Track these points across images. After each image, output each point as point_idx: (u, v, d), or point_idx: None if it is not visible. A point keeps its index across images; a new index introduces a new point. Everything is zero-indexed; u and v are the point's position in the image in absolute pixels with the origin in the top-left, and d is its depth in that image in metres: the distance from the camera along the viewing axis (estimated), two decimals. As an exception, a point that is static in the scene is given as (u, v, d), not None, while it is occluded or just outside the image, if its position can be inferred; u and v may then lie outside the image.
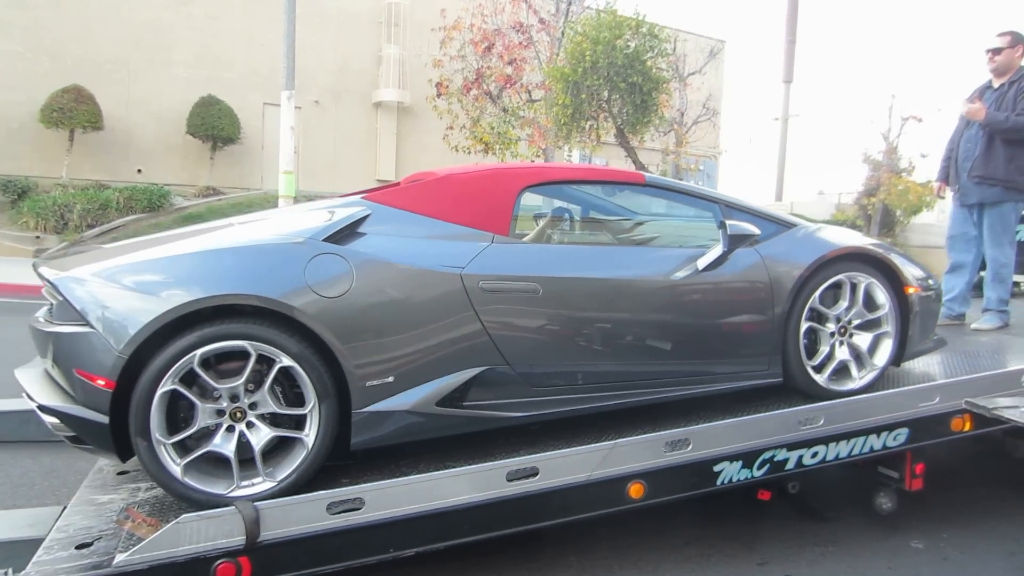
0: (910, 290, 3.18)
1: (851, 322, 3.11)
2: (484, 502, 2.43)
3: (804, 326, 3.01)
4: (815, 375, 3.02)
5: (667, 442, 2.66)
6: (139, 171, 15.97)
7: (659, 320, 2.87)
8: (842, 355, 3.09)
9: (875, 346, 3.14)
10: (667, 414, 2.88)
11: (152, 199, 14.45)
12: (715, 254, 2.91)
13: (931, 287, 3.34)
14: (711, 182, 20.61)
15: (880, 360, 3.13)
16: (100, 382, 2.21)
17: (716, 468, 2.73)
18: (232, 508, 2.16)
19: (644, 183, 3.10)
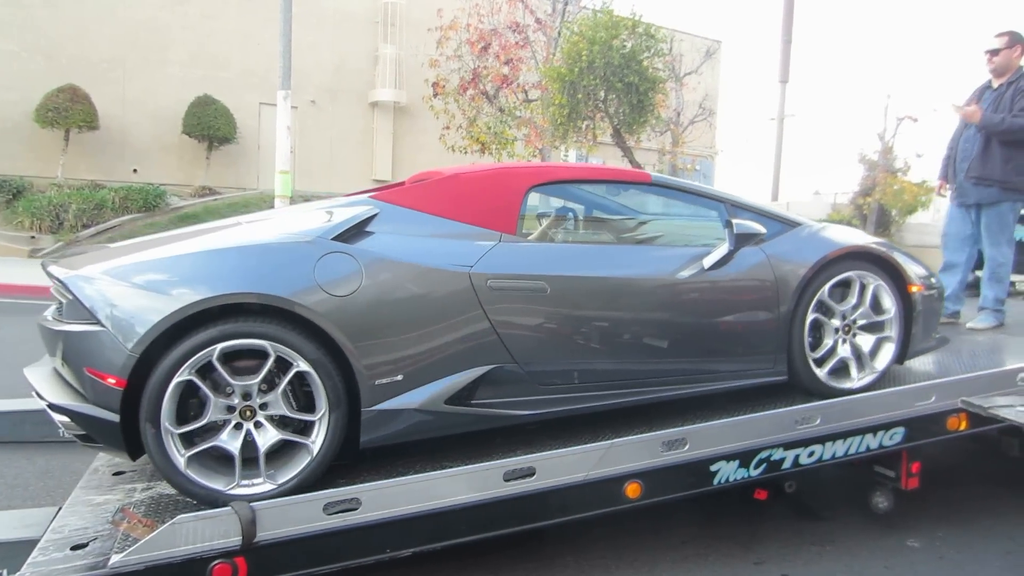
0: (913, 289, 3.19)
1: (856, 322, 3.12)
2: (481, 502, 2.43)
3: (811, 317, 3.02)
4: (816, 369, 3.03)
5: (664, 442, 2.67)
6: (135, 171, 15.94)
7: (665, 319, 2.87)
8: (844, 352, 3.10)
9: (876, 349, 3.15)
10: (664, 414, 2.88)
11: (148, 199, 14.43)
12: (721, 253, 2.92)
13: (934, 286, 3.36)
14: (707, 182, 20.63)
15: (880, 364, 3.14)
16: (111, 380, 2.22)
17: (713, 468, 2.74)
18: (228, 509, 2.16)
19: (650, 182, 3.11)
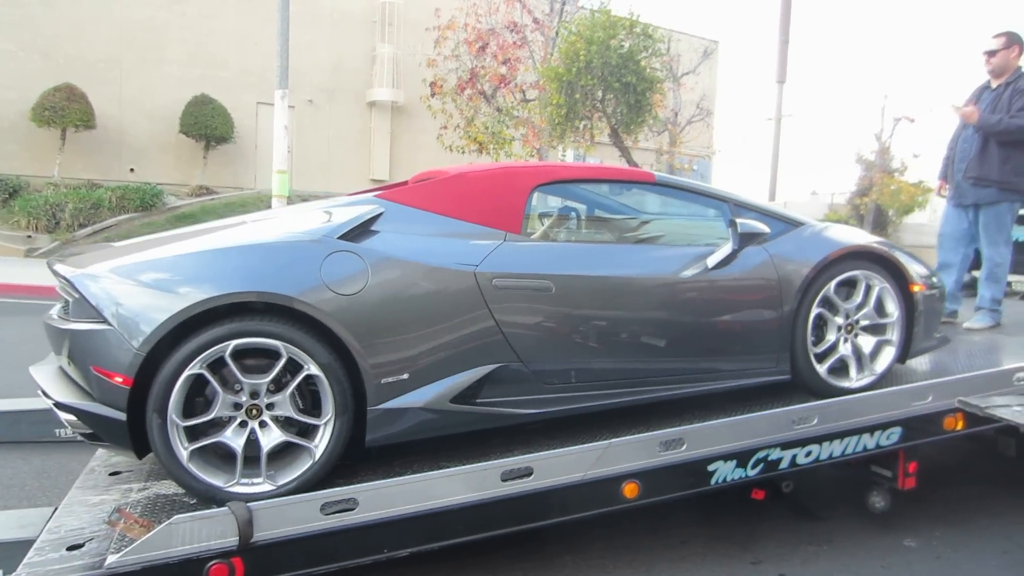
0: (916, 288, 3.19)
1: (858, 322, 3.13)
2: (479, 502, 2.42)
3: (815, 312, 3.02)
4: (817, 366, 3.04)
5: (661, 442, 2.66)
6: (132, 170, 15.92)
7: (669, 318, 2.88)
8: (845, 351, 3.11)
9: (877, 351, 3.16)
10: (661, 414, 2.88)
11: (145, 199, 14.41)
12: (725, 252, 2.92)
13: (935, 285, 3.37)
14: (705, 182, 20.63)
15: (879, 367, 3.15)
16: (118, 379, 2.21)
17: (710, 468, 2.73)
18: (225, 509, 2.15)
19: (654, 182, 3.12)
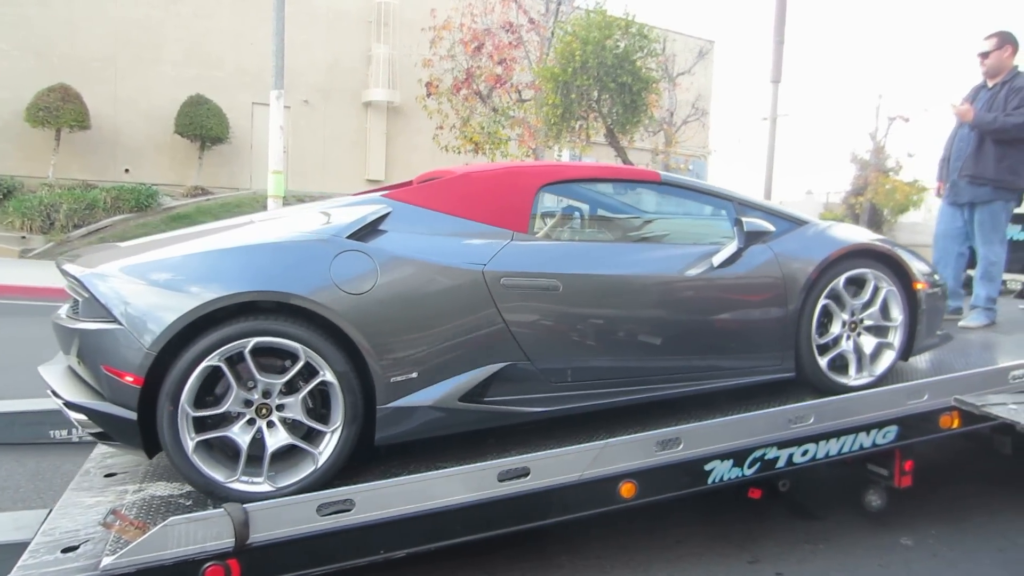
0: (918, 286, 3.21)
1: (862, 321, 3.15)
2: (476, 502, 2.42)
3: (822, 303, 3.04)
4: (819, 359, 3.05)
5: (658, 441, 2.66)
6: (126, 171, 15.87)
7: (676, 316, 2.89)
8: (847, 347, 3.12)
9: (877, 354, 3.17)
10: (658, 414, 2.88)
11: (140, 199, 14.36)
12: (730, 251, 2.94)
13: (938, 283, 3.39)
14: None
15: (877, 369, 3.16)
16: (128, 378, 2.21)
17: (707, 467, 2.74)
18: (221, 510, 2.14)
19: (660, 181, 3.14)
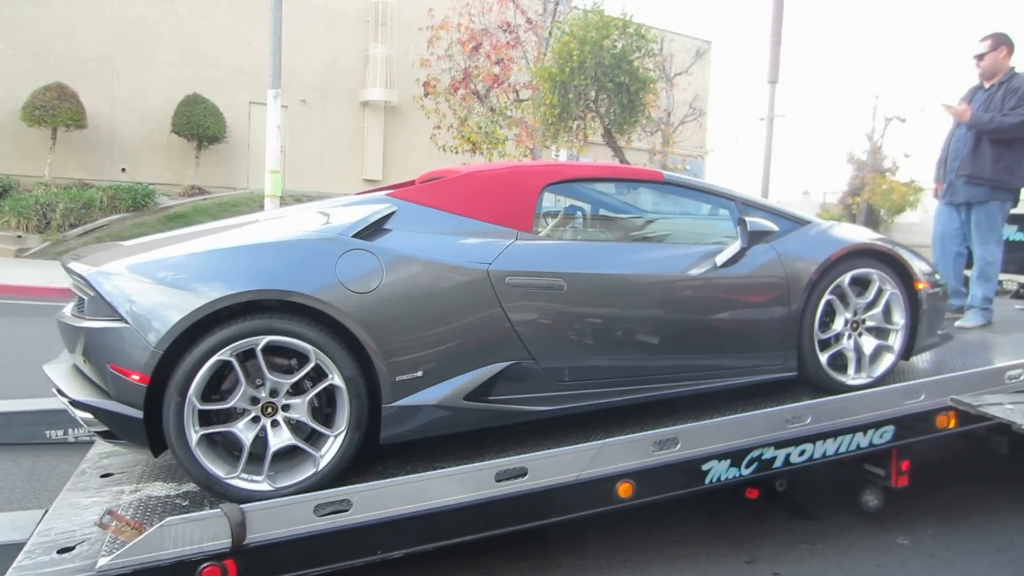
0: (920, 286, 3.22)
1: (864, 321, 3.16)
2: (473, 503, 2.42)
3: (827, 298, 3.04)
4: (820, 354, 3.05)
5: (656, 441, 2.66)
6: (123, 170, 15.82)
7: (679, 315, 2.90)
8: (847, 345, 3.13)
9: (876, 356, 3.18)
10: (655, 414, 2.88)
11: (136, 198, 14.31)
12: (733, 250, 2.94)
13: (939, 283, 3.40)
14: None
15: (876, 371, 3.16)
16: (135, 377, 2.21)
17: (705, 467, 2.74)
18: (218, 511, 2.14)
19: (663, 181, 3.15)
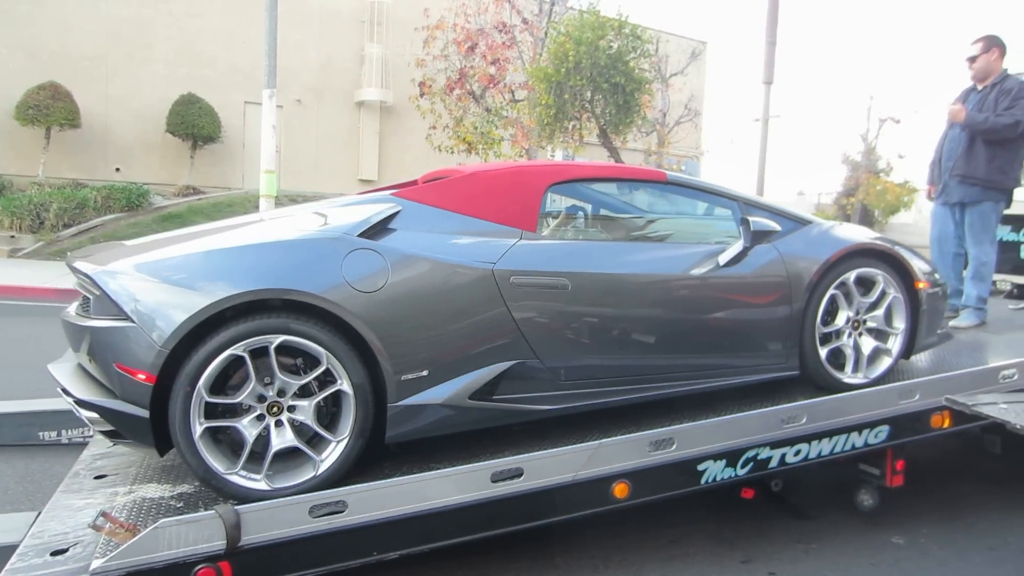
0: (920, 285, 3.24)
1: (865, 321, 3.17)
2: (469, 503, 2.42)
3: (830, 293, 3.06)
4: (820, 349, 3.06)
5: (651, 442, 2.67)
6: (117, 170, 15.75)
7: (682, 315, 2.91)
8: (847, 342, 3.14)
9: (874, 357, 3.19)
10: (651, 414, 2.88)
11: (131, 198, 14.26)
12: (736, 250, 2.96)
13: (938, 283, 3.41)
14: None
15: (873, 373, 3.17)
16: (141, 376, 2.21)
17: (700, 467, 2.74)
18: (212, 512, 2.13)
19: (666, 181, 3.16)
